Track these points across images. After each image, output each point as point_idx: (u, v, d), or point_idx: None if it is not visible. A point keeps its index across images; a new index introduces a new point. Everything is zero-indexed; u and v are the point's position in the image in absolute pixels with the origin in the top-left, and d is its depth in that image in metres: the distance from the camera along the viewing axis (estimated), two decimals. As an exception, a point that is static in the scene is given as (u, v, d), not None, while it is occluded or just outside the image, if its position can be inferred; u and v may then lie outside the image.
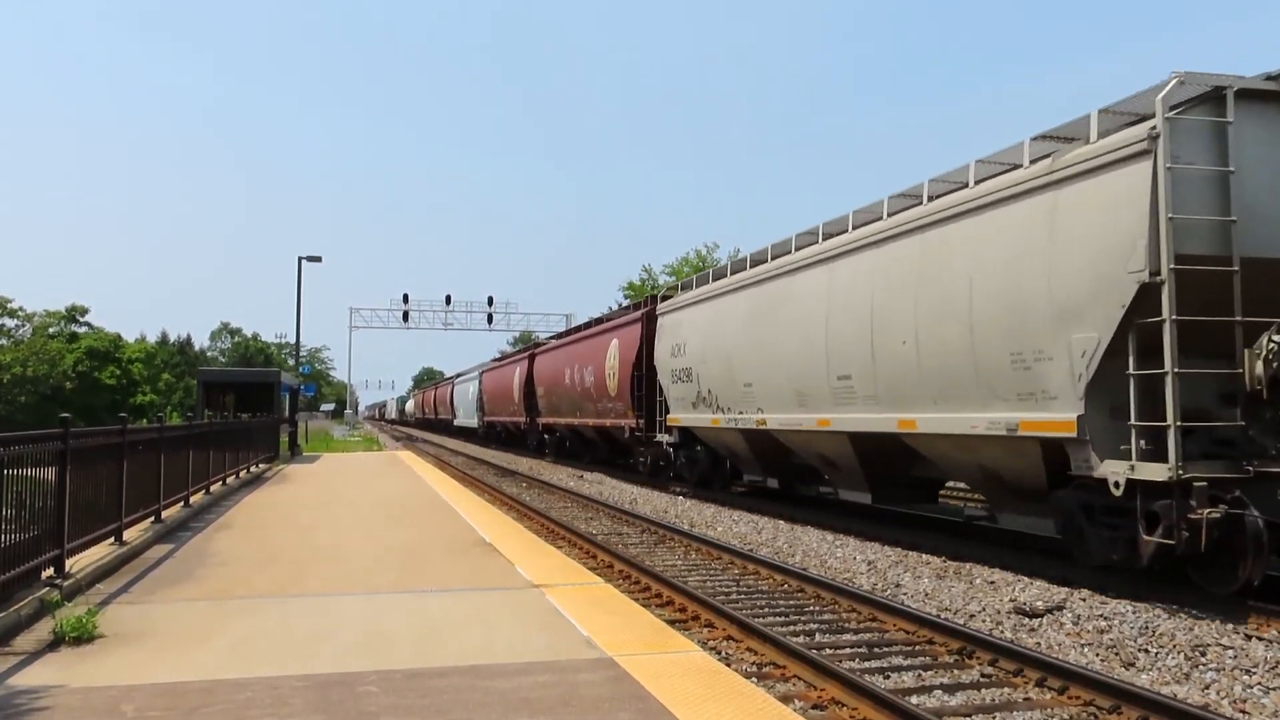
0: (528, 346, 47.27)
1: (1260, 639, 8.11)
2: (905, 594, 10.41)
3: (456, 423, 64.98)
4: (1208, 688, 7.07)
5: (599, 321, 32.12)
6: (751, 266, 18.52)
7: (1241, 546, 8.96)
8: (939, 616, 9.00)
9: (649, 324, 24.35)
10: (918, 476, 14.74)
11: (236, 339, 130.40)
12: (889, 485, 15.21)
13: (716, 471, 21.39)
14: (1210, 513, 8.70)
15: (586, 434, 32.15)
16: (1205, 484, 8.85)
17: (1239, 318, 9.29)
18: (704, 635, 8.77)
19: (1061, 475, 10.48)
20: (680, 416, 21.75)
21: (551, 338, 42.93)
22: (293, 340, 51.19)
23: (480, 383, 52.08)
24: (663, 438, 23.23)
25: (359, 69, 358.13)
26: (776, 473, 19.15)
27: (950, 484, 17.18)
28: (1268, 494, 9.19)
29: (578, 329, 35.87)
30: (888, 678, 7.39)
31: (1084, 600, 9.62)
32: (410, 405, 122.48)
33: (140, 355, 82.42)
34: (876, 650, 8.19)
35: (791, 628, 8.97)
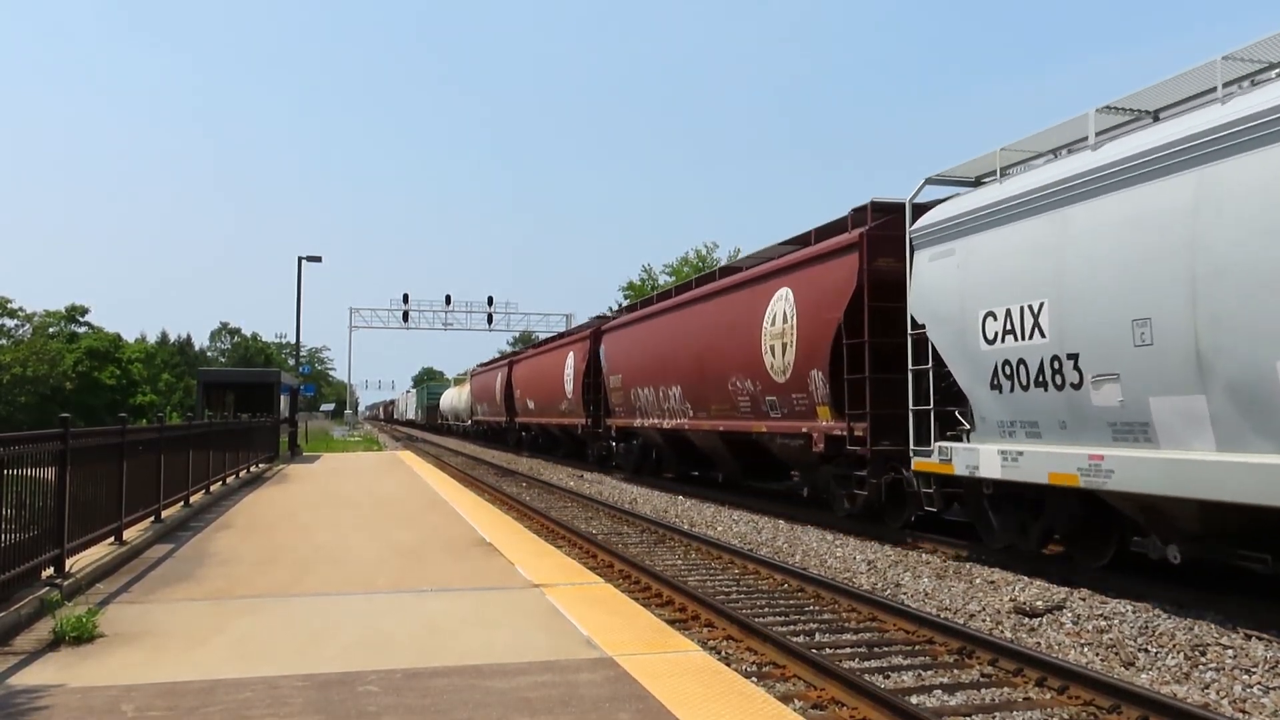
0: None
1: (1260, 639, 8.12)
2: (905, 594, 10.41)
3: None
4: (1208, 688, 7.07)
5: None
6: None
7: None
8: (939, 616, 9.00)
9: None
10: None
11: (236, 339, 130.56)
12: None
13: None
14: None
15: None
16: None
17: None
18: (704, 635, 8.77)
19: None
20: None
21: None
22: (293, 340, 51.30)
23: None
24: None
25: (360, 68, 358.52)
26: None
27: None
28: None
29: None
30: (888, 678, 7.39)
31: (1084, 600, 9.63)
32: (458, 397, 65.52)
33: (140, 355, 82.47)
34: (876, 650, 8.19)
35: (791, 627, 8.97)
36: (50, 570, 7.84)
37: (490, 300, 69.50)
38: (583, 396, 30.24)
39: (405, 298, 68.71)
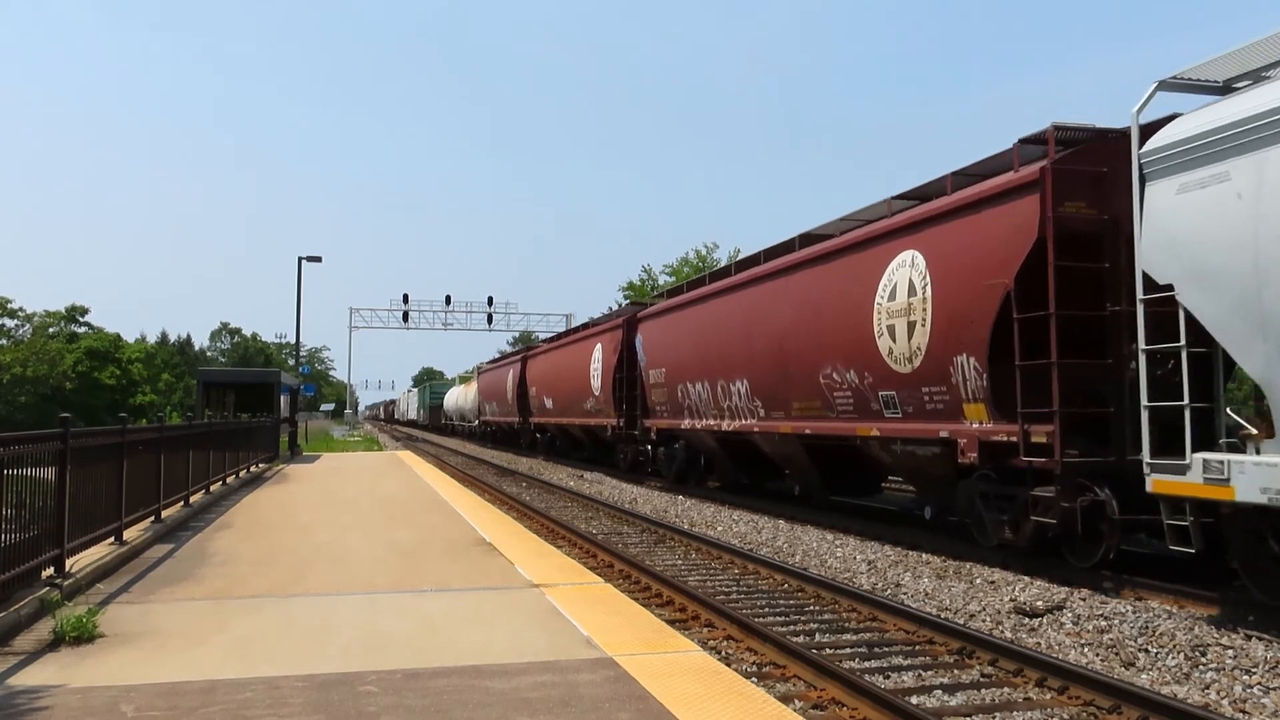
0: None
1: (1260, 639, 8.11)
2: (905, 594, 10.41)
3: None
4: (1208, 688, 7.07)
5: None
6: None
7: None
8: (939, 616, 9.00)
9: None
10: None
11: (236, 339, 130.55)
12: None
13: None
14: None
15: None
16: None
17: None
18: (704, 635, 8.77)
19: None
20: None
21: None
22: (293, 340, 51.27)
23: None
24: None
25: (360, 69, 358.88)
26: None
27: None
28: None
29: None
30: (888, 678, 7.39)
31: (1084, 600, 9.62)
32: (464, 396, 60.96)
33: (140, 355, 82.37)
34: (877, 650, 8.19)
35: (791, 627, 8.97)
36: (50, 570, 7.84)
37: (490, 300, 69.65)
38: (613, 394, 26.69)
39: (405, 298, 68.92)
